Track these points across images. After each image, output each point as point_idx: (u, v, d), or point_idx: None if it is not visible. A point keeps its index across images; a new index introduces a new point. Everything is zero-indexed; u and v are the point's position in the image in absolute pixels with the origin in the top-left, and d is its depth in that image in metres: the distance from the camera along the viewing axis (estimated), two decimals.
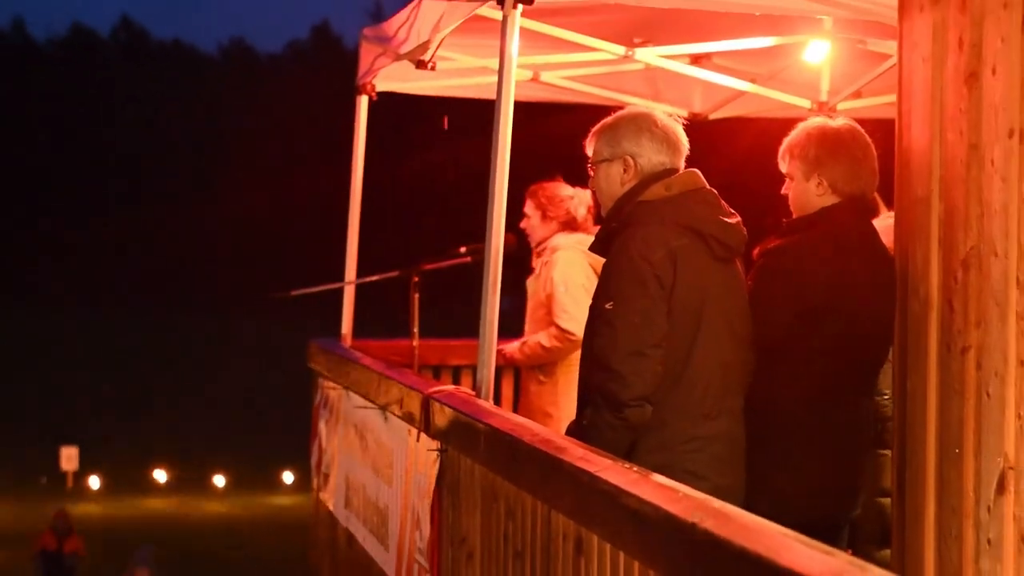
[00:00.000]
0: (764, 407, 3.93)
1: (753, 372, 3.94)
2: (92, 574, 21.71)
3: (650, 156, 3.99)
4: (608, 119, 4.11)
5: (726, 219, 3.93)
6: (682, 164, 4.04)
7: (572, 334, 5.73)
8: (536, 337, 6.04)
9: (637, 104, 6.29)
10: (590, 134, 4.12)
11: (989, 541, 3.19)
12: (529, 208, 6.17)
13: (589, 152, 4.11)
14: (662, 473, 3.28)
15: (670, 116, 4.16)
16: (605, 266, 3.94)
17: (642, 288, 3.73)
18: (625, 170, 3.98)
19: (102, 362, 48.77)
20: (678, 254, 3.77)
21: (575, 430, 3.86)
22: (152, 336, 54.41)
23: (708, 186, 3.99)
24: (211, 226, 75.08)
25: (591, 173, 4.13)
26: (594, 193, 4.28)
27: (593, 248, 4.18)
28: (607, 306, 3.78)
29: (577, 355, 5.59)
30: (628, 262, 3.79)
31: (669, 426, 3.75)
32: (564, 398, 5.82)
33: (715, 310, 3.83)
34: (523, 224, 6.18)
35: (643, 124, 4.04)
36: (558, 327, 5.89)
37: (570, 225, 6.11)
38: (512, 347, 6.09)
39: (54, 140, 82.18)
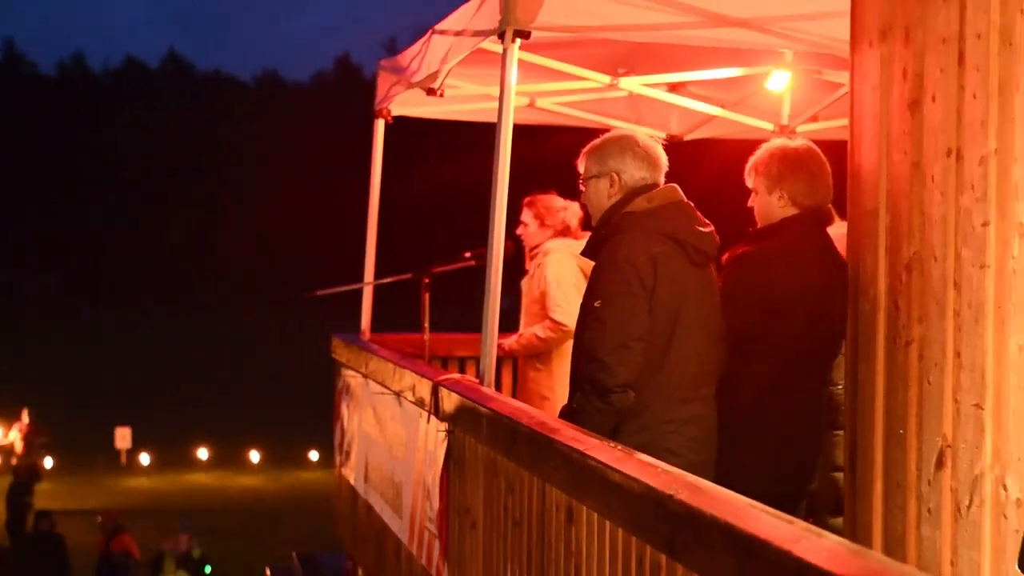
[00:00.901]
0: (734, 394, 3.94)
1: (724, 363, 3.95)
2: (142, 540, 21.71)
3: (632, 172, 4.00)
4: (596, 140, 4.13)
5: (701, 228, 3.94)
6: (662, 179, 4.04)
7: (564, 325, 5.74)
8: (532, 329, 6.04)
9: (622, 127, 6.31)
10: (581, 154, 4.14)
11: (929, 511, 3.19)
12: (527, 217, 6.18)
13: (581, 170, 4.13)
14: (643, 451, 3.28)
15: (651, 137, 4.17)
16: (595, 268, 3.95)
17: (627, 288, 3.75)
18: (611, 185, 4.00)
19: (153, 354, 48.89)
20: (659, 259, 3.79)
21: (567, 413, 3.88)
22: (195, 331, 54.52)
23: (685, 199, 4.00)
24: (247, 233, 75.36)
25: (583, 188, 4.14)
26: (584, 205, 4.28)
27: (584, 252, 4.18)
28: (596, 304, 3.80)
29: (569, 344, 5.61)
30: (615, 265, 3.81)
31: (650, 409, 3.77)
32: (559, 383, 5.83)
33: (691, 308, 3.84)
34: (519, 231, 6.18)
35: (626, 145, 4.06)
36: (552, 320, 5.89)
37: (563, 233, 6.12)
38: (510, 340, 6.10)
39: (113, 157, 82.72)
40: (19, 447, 23.40)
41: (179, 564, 14.30)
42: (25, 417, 24.08)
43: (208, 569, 14.77)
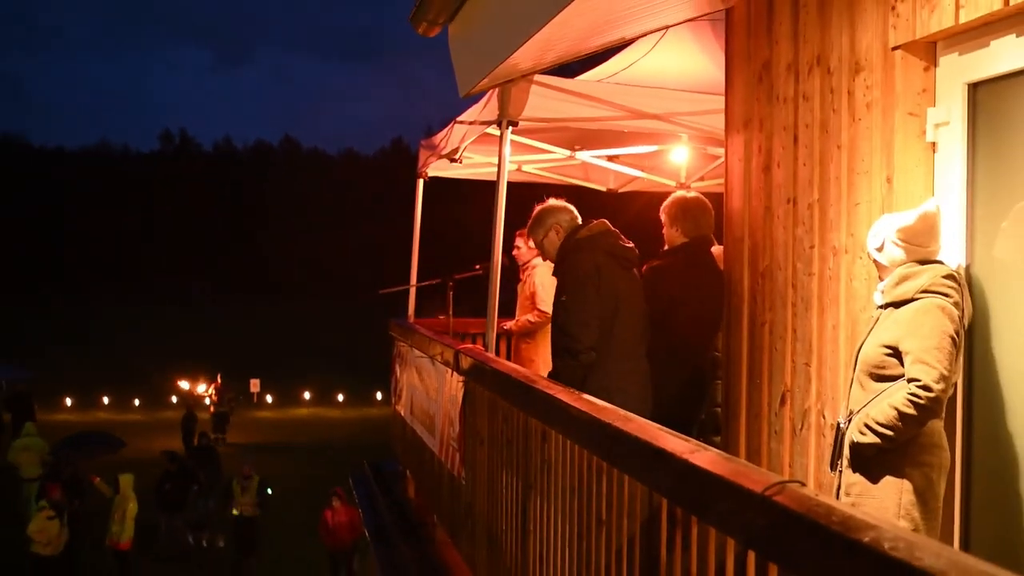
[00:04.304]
0: (653, 355, 3.94)
1: (649, 333, 3.94)
2: (262, 453, 21.67)
3: (561, 219, 4.05)
4: (534, 214, 4.14)
5: (625, 244, 3.95)
6: (580, 218, 4.09)
7: (546, 314, 5.71)
8: (524, 316, 6.01)
9: (572, 182, 6.35)
10: (529, 227, 4.14)
11: (776, 432, 3.20)
12: (520, 242, 6.14)
13: (532, 240, 4.13)
14: (605, 391, 3.31)
15: (560, 199, 4.20)
16: (560, 276, 3.95)
17: (582, 286, 3.76)
18: (557, 233, 4.03)
19: (273, 331, 48.88)
20: (601, 266, 3.80)
21: (552, 374, 3.88)
22: (298, 316, 54.64)
23: (612, 227, 4.00)
24: (331, 252, 75.66)
25: (539, 251, 4.14)
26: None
27: (554, 272, 4.18)
28: (563, 298, 3.81)
29: (549, 326, 5.58)
30: (573, 272, 3.82)
31: (606, 364, 3.75)
32: (541, 351, 5.79)
33: (625, 297, 3.84)
34: (514, 252, 6.15)
35: (550, 209, 4.11)
36: (538, 310, 5.86)
37: None
38: (510, 323, 6.08)
39: (248, 204, 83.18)
40: (214, 399, 23.54)
41: (244, 489, 13.01)
42: (219, 379, 24.12)
43: (269, 490, 13.44)
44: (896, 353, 2.47)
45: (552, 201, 4.16)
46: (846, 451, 2.58)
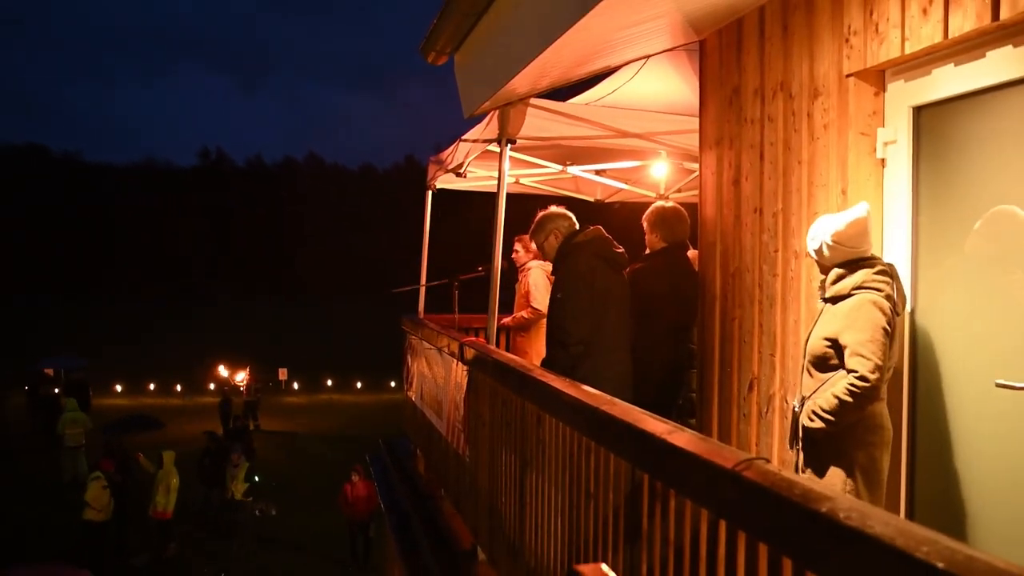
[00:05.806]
0: (636, 347, 3.94)
1: (631, 331, 3.94)
2: (289, 435, 21.63)
3: (561, 225, 4.05)
4: (536, 220, 4.15)
5: (617, 250, 3.95)
6: (577, 224, 4.08)
7: (540, 311, 5.72)
8: (520, 313, 6.01)
9: (565, 193, 6.32)
10: (530, 233, 4.12)
11: (744, 415, 3.20)
12: (518, 247, 6.14)
13: (533, 243, 4.13)
14: (594, 379, 3.29)
15: (560, 205, 4.19)
16: (557, 276, 3.96)
17: (576, 286, 3.76)
18: (556, 238, 4.03)
19: (298, 326, 48.80)
20: (594, 268, 3.80)
21: (546, 362, 3.88)
22: (328, 313, 54.49)
23: (606, 233, 4.00)
24: (348, 256, 75.55)
25: (541, 250, 4.12)
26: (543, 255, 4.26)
27: (552, 272, 4.19)
28: (559, 295, 3.82)
29: (542, 322, 5.59)
30: (569, 273, 3.83)
31: (594, 355, 3.76)
32: (535, 344, 5.80)
33: (615, 298, 3.84)
34: (513, 255, 6.15)
35: (551, 216, 4.12)
36: (532, 307, 5.86)
37: (538, 256, 6.09)
38: (506, 320, 6.08)
39: (276, 214, 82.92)
40: (243, 388, 23.53)
41: (233, 476, 12.73)
42: (248, 371, 24.11)
43: (257, 478, 13.11)
44: (836, 345, 2.49)
45: (553, 208, 4.17)
46: (800, 431, 2.60)
